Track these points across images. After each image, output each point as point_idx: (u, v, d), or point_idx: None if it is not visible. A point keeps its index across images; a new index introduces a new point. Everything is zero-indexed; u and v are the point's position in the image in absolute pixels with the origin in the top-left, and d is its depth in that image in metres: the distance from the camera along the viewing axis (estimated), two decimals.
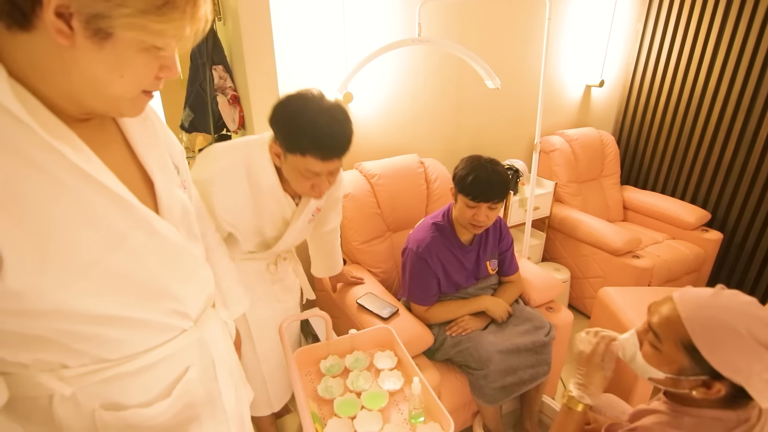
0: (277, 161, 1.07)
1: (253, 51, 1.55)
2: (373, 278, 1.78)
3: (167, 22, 0.51)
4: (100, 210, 0.56)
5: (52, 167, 0.52)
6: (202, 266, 0.74)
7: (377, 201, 1.90)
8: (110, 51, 0.50)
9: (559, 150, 2.58)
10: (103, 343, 0.60)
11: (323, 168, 1.01)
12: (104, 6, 0.47)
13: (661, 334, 0.84)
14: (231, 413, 0.81)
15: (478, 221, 1.43)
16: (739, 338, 0.76)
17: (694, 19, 2.50)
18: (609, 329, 1.94)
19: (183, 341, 0.70)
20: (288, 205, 1.17)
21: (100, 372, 0.61)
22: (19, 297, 0.51)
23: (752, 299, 0.81)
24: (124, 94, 0.55)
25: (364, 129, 2.08)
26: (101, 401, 0.63)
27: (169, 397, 0.69)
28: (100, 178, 0.56)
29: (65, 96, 0.53)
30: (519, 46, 2.37)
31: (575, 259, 2.45)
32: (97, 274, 0.56)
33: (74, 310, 0.56)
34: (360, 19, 1.86)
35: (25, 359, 0.57)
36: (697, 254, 2.39)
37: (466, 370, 1.49)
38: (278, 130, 1.01)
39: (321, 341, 1.19)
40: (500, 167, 1.44)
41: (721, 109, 2.47)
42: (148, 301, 0.64)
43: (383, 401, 1.00)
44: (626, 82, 2.92)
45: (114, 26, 0.49)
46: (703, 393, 0.80)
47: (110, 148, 0.63)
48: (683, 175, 2.71)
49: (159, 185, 0.67)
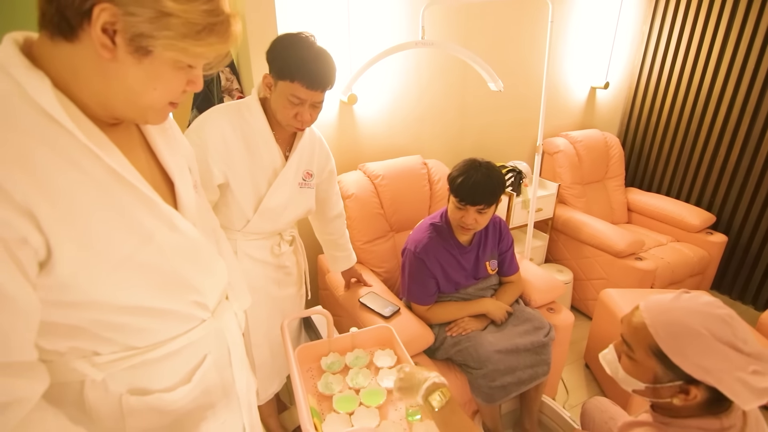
0: (267, 92, 1.17)
1: (259, 53, 1.58)
2: (375, 277, 1.81)
3: (204, 45, 0.56)
4: (130, 208, 0.61)
5: (90, 168, 0.57)
6: (218, 260, 0.79)
7: (380, 201, 1.92)
8: (147, 66, 0.55)
9: (563, 152, 2.58)
10: (132, 331, 0.65)
11: (308, 96, 1.11)
12: (148, 27, 0.52)
13: (633, 343, 0.86)
14: (243, 399, 0.87)
15: (466, 223, 1.45)
16: (701, 338, 0.76)
17: (700, 21, 2.49)
18: (608, 331, 1.94)
19: (202, 330, 0.75)
20: (278, 154, 1.25)
21: (129, 359, 0.66)
22: (62, 289, 0.56)
23: (713, 299, 0.82)
24: (153, 105, 0.60)
25: (368, 130, 2.11)
26: (128, 386, 0.68)
27: (190, 382, 0.74)
28: (130, 178, 0.60)
29: (100, 102, 0.58)
30: (523, 49, 2.38)
31: (578, 260, 2.45)
32: (129, 268, 0.61)
33: (108, 301, 0.60)
34: (365, 22, 1.88)
35: (61, 347, 0.61)
36: (702, 257, 2.39)
37: (465, 369, 1.51)
38: (273, 59, 1.12)
39: (323, 338, 1.22)
40: (495, 172, 1.43)
41: (727, 112, 2.46)
42: (172, 293, 0.68)
43: (381, 398, 1.03)
44: (632, 84, 2.91)
45: (155, 45, 0.53)
46: (682, 399, 0.81)
47: (136, 151, 0.68)
48: (688, 178, 2.71)
49: (179, 186, 0.72)
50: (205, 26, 0.55)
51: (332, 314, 1.18)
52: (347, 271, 1.67)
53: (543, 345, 1.51)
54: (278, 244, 1.36)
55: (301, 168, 1.31)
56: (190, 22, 0.54)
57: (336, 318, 1.80)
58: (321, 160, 1.39)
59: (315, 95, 1.12)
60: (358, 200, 1.86)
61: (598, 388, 1.99)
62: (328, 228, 1.55)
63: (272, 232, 1.34)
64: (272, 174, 1.26)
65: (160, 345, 0.69)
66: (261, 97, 1.23)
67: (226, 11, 0.57)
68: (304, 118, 1.15)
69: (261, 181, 1.25)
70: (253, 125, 1.21)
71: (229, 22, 0.58)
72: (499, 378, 1.44)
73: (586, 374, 2.08)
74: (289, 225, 1.38)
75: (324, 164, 1.41)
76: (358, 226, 1.87)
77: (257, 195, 1.25)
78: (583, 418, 1.34)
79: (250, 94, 1.24)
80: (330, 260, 1.64)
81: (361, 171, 1.98)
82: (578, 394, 1.97)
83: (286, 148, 1.28)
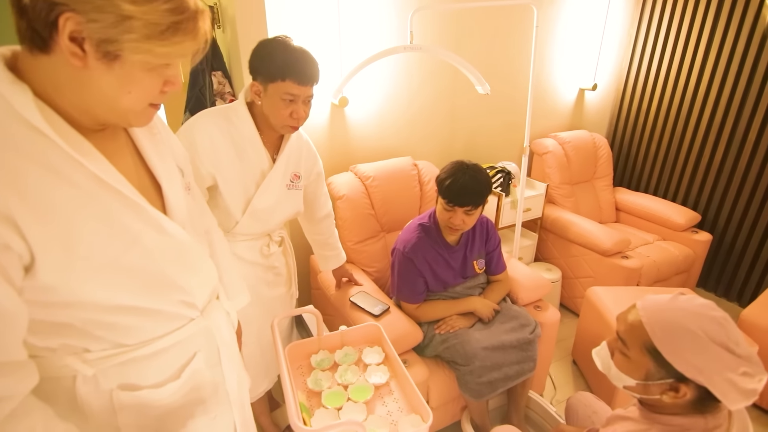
0: (257, 99, 1.20)
1: (244, 53, 1.60)
2: (366, 277, 1.84)
3: (170, 45, 0.57)
4: (116, 213, 0.63)
5: (74, 176, 0.59)
6: (206, 261, 0.81)
7: (371, 202, 1.95)
8: (118, 71, 0.56)
9: (552, 152, 2.63)
10: (120, 330, 0.68)
11: (301, 92, 1.16)
12: (112, 32, 0.53)
13: (628, 340, 0.88)
14: (233, 396, 0.88)
15: (453, 224, 1.49)
16: (696, 338, 0.79)
17: (686, 24, 2.54)
18: (595, 328, 1.99)
19: (191, 329, 0.77)
20: (265, 157, 1.28)
21: (118, 356, 0.68)
22: (49, 291, 0.58)
23: (708, 302, 0.85)
24: (132, 108, 0.61)
25: (359, 132, 2.14)
26: (118, 382, 0.70)
27: (179, 379, 0.76)
28: (115, 184, 0.62)
29: (81, 110, 0.59)
30: (512, 52, 2.42)
31: (566, 259, 2.50)
32: (114, 269, 0.63)
33: (96, 301, 0.63)
34: (355, 26, 1.91)
35: (53, 344, 0.64)
36: (687, 255, 2.44)
37: (453, 366, 1.55)
38: (259, 66, 1.16)
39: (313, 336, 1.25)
40: (481, 174, 1.47)
41: (712, 113, 2.51)
42: (159, 293, 0.70)
43: (369, 394, 1.06)
44: (619, 86, 2.97)
45: (121, 49, 0.54)
46: (672, 397, 0.83)
47: (122, 155, 0.69)
48: (674, 177, 2.76)
49: (166, 188, 0.73)
50: (169, 26, 0.55)
51: (324, 313, 1.21)
52: (338, 270, 1.70)
53: (529, 342, 1.55)
54: (267, 245, 1.39)
55: (288, 170, 1.34)
56: (152, 23, 0.54)
57: (327, 317, 1.83)
58: (308, 162, 1.42)
59: (306, 90, 1.17)
60: (350, 201, 1.89)
61: (585, 384, 2.04)
62: (318, 228, 1.58)
63: (261, 234, 1.37)
64: (260, 176, 1.29)
65: (148, 343, 0.71)
66: (248, 101, 1.26)
67: (192, 8, 0.57)
68: (299, 115, 1.20)
69: (249, 183, 1.28)
70: (241, 129, 1.24)
71: (195, 18, 0.58)
72: (486, 374, 1.47)
73: (574, 370, 2.13)
74: (278, 226, 1.41)
75: (311, 166, 1.45)
76: (349, 226, 1.90)
77: (246, 197, 1.28)
78: (567, 413, 1.38)
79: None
80: (320, 259, 1.67)
81: (352, 172, 2.01)
82: (566, 389, 2.02)
83: (274, 151, 1.32)
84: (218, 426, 0.86)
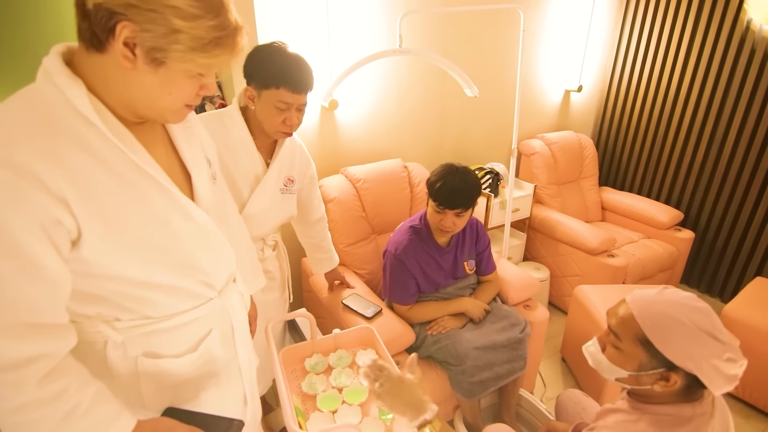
0: (251, 104, 1.21)
1: (238, 62, 1.60)
2: (358, 279, 1.85)
3: (211, 57, 0.64)
4: (150, 198, 0.70)
5: (116, 163, 0.66)
6: (227, 247, 0.88)
7: (362, 204, 1.96)
8: (162, 75, 0.63)
9: (539, 153, 2.67)
10: (148, 303, 0.76)
11: (294, 100, 1.16)
12: (162, 42, 0.60)
13: (620, 333, 0.91)
14: (245, 372, 0.97)
15: (444, 226, 1.51)
16: (684, 327, 0.83)
17: (667, 27, 2.60)
18: (582, 326, 2.02)
19: (209, 308, 0.84)
20: (259, 162, 1.29)
21: (144, 326, 0.76)
22: (89, 263, 0.66)
23: (691, 294, 0.90)
24: (169, 107, 0.68)
25: (349, 135, 2.15)
26: (143, 350, 0.78)
27: (196, 351, 0.84)
28: (151, 171, 0.69)
29: (125, 105, 0.67)
30: (499, 56, 2.45)
31: (554, 258, 2.54)
32: (147, 249, 0.71)
33: (128, 276, 0.71)
34: (344, 30, 1.92)
35: (89, 312, 0.72)
36: (671, 253, 2.50)
37: (445, 366, 1.57)
38: (254, 72, 1.17)
39: (306, 340, 1.25)
40: (471, 177, 1.49)
41: (693, 113, 2.58)
42: (184, 272, 0.78)
43: (363, 396, 1.07)
44: (604, 88, 3.02)
45: (167, 57, 0.61)
46: (663, 386, 0.87)
47: (158, 146, 0.76)
48: (658, 177, 2.82)
49: (195, 178, 0.81)
50: (211, 40, 0.62)
51: (316, 316, 1.21)
52: (330, 273, 1.71)
53: (519, 341, 1.58)
54: (261, 249, 1.39)
55: (282, 174, 1.35)
56: (197, 37, 0.61)
57: (320, 320, 1.83)
58: (302, 166, 1.43)
59: (300, 98, 1.18)
60: (341, 204, 1.90)
61: (574, 380, 2.08)
62: (310, 231, 1.59)
63: (255, 238, 1.37)
64: (254, 181, 1.30)
65: (171, 317, 0.79)
66: (242, 105, 1.26)
67: (233, 25, 0.64)
68: (292, 122, 1.20)
69: (243, 187, 1.28)
70: (235, 133, 1.24)
71: (234, 35, 0.64)
72: (477, 374, 1.49)
73: (563, 367, 2.17)
74: (271, 230, 1.41)
75: (305, 170, 1.45)
76: (340, 229, 1.91)
77: (240, 201, 1.29)
78: (557, 410, 1.41)
79: (231, 103, 1.27)
80: (313, 262, 1.67)
81: (342, 175, 2.01)
82: (555, 387, 2.05)
83: (267, 156, 1.32)
84: (227, 399, 0.93)
